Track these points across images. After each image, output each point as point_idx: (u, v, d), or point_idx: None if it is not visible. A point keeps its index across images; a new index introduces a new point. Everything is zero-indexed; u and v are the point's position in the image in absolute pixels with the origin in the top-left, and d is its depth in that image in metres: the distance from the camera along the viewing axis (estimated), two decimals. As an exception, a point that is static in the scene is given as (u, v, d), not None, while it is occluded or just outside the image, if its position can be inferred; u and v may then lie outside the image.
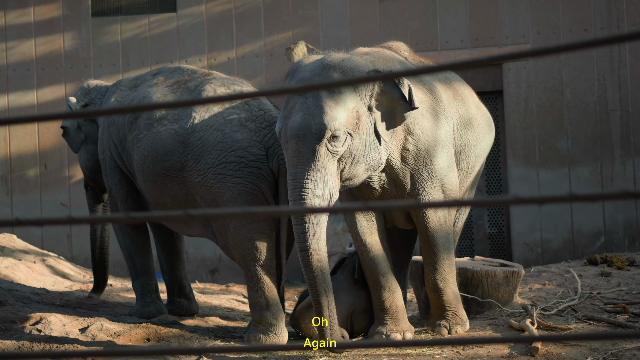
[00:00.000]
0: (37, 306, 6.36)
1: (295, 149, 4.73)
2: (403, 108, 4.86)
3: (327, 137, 4.66)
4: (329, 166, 4.72)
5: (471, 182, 5.88)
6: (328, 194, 4.73)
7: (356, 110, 4.77)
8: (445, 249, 5.35)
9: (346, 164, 4.80)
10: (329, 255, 9.93)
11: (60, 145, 10.43)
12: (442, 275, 5.36)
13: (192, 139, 5.55)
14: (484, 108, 5.97)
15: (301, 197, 4.68)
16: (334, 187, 4.76)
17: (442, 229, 5.31)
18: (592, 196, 1.69)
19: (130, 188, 6.24)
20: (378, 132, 4.87)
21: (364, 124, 4.80)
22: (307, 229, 4.73)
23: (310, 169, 4.69)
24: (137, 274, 6.49)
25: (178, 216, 1.78)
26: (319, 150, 4.68)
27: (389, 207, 1.85)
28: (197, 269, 10.31)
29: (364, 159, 4.84)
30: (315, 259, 4.76)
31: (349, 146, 4.74)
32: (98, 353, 2.09)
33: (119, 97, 6.28)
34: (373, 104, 4.86)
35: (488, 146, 5.95)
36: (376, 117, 4.88)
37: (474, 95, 5.91)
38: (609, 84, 10.12)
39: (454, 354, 4.89)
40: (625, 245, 9.97)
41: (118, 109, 1.96)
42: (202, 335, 5.69)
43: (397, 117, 4.90)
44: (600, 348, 4.84)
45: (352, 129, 4.73)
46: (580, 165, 10.11)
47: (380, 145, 4.91)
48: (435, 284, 5.37)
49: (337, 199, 4.91)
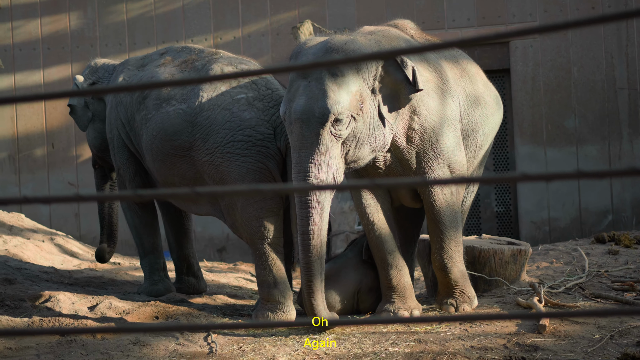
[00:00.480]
0: (46, 284, 6.39)
1: (299, 132, 4.74)
2: (407, 90, 4.85)
3: (330, 121, 4.66)
4: (333, 150, 4.73)
5: (479, 160, 5.86)
6: (332, 177, 4.73)
7: (359, 93, 4.75)
8: (452, 227, 5.33)
9: (350, 146, 4.79)
10: (336, 234, 9.98)
11: (67, 125, 10.44)
12: (449, 253, 5.34)
13: (200, 119, 5.56)
14: (491, 86, 5.94)
15: (305, 181, 4.70)
16: (338, 170, 4.77)
17: (449, 207, 5.28)
18: (599, 173, 1.69)
19: (138, 167, 6.26)
20: (382, 114, 4.86)
21: (367, 107, 4.79)
22: (311, 214, 4.75)
23: (314, 152, 4.70)
24: (145, 252, 6.51)
25: (185, 194, 1.78)
26: (323, 134, 4.69)
27: (396, 185, 1.85)
28: (205, 247, 10.33)
29: (368, 141, 4.84)
30: (316, 244, 4.77)
31: (352, 129, 4.74)
32: (107, 330, 2.11)
33: (126, 76, 6.28)
34: (377, 87, 4.84)
35: (496, 125, 5.93)
36: (380, 100, 4.87)
37: (482, 74, 5.89)
38: (616, 62, 10.08)
39: (461, 331, 4.90)
40: (633, 223, 9.96)
41: (125, 86, 1.96)
42: (210, 313, 5.72)
43: (402, 99, 4.89)
44: (608, 325, 4.85)
45: (355, 112, 4.72)
46: (588, 143, 10.08)
47: (385, 127, 4.89)
48: (442, 263, 5.36)
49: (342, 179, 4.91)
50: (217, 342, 4.88)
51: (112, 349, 4.68)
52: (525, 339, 4.65)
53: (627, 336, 4.67)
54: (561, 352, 4.40)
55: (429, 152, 5.14)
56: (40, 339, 4.81)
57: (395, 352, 4.52)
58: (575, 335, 4.69)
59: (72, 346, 4.71)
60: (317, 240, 4.77)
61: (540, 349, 4.45)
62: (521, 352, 4.41)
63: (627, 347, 4.49)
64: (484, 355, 4.37)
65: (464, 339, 4.71)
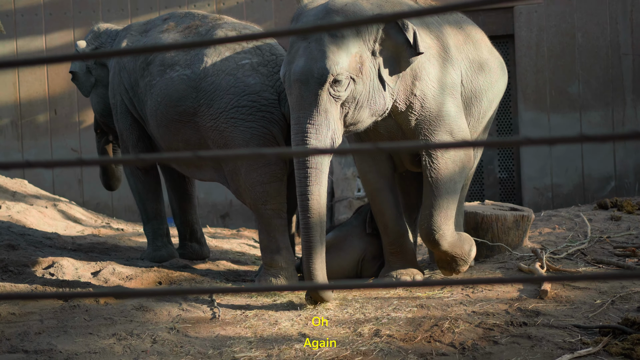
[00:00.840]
0: (49, 250, 6.41)
1: (298, 93, 4.71)
2: (408, 53, 4.80)
3: (329, 82, 4.63)
4: (332, 111, 4.70)
5: (484, 127, 5.84)
6: (330, 138, 4.70)
7: (359, 54, 4.72)
8: (447, 197, 5.17)
9: (350, 109, 4.76)
10: (339, 200, 9.99)
11: (70, 91, 10.41)
12: (437, 224, 5.14)
13: (205, 84, 5.55)
14: (496, 52, 5.90)
15: (303, 141, 4.67)
16: (337, 132, 4.74)
17: (448, 175, 5.16)
18: (602, 137, 1.69)
19: (141, 133, 6.25)
20: (382, 77, 4.82)
21: (367, 69, 4.75)
22: (309, 174, 4.72)
23: (312, 113, 4.67)
24: (149, 218, 6.53)
25: (187, 158, 1.78)
26: (322, 95, 4.66)
27: (398, 149, 1.84)
28: (208, 213, 10.35)
29: (368, 104, 4.80)
30: (315, 204, 4.73)
31: (352, 91, 4.71)
32: (110, 294, 2.11)
33: (129, 42, 6.26)
34: (377, 49, 4.80)
35: (501, 91, 5.89)
36: (380, 62, 4.82)
37: (486, 40, 5.85)
38: (621, 28, 10.02)
39: (463, 296, 4.92)
40: (635, 189, 9.96)
41: (127, 50, 1.95)
42: (213, 278, 5.74)
43: (402, 62, 4.84)
44: (609, 291, 4.87)
45: (355, 73, 4.69)
46: (592, 109, 10.05)
47: (385, 90, 4.85)
48: (428, 233, 5.17)
49: (340, 143, 4.87)
50: (220, 307, 4.90)
51: (115, 314, 4.71)
52: (526, 304, 4.66)
53: (628, 301, 4.68)
54: (562, 317, 4.41)
55: (430, 119, 5.08)
56: (44, 304, 4.84)
57: (398, 317, 4.54)
58: (576, 301, 4.71)
59: (75, 312, 4.73)
60: (316, 201, 4.74)
61: (541, 314, 4.47)
62: (523, 317, 4.43)
63: (628, 312, 4.50)
64: (485, 320, 4.39)
65: (466, 304, 4.73)
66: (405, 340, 4.16)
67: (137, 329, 4.45)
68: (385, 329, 4.33)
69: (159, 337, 4.32)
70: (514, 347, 4.03)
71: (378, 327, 4.36)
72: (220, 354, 4.09)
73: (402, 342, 4.13)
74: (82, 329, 4.44)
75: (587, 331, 4.22)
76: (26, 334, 4.33)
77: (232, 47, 5.65)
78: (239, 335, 4.38)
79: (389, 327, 4.35)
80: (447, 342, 4.11)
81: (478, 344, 4.07)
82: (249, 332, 4.42)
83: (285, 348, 4.13)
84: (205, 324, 4.61)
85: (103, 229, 8.33)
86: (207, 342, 4.28)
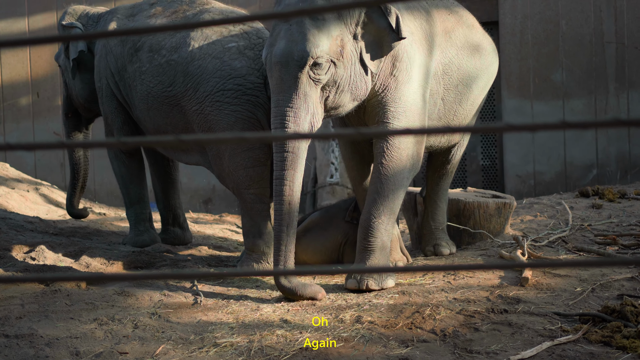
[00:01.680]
0: (31, 234, 6.39)
1: (278, 76, 4.68)
2: (390, 38, 4.77)
3: (309, 65, 4.60)
4: (311, 94, 4.66)
5: (476, 110, 5.82)
6: (309, 122, 4.66)
7: (340, 38, 4.68)
8: (394, 189, 4.96)
9: (330, 92, 4.73)
10: (322, 186, 9.99)
11: (52, 74, 10.35)
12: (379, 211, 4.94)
13: (192, 68, 5.54)
14: (488, 36, 5.88)
15: (282, 124, 4.63)
16: (316, 115, 4.70)
17: (398, 166, 4.96)
18: (583, 123, 1.69)
19: (126, 117, 6.23)
20: (364, 61, 4.78)
21: (348, 53, 4.72)
22: (285, 158, 4.67)
23: (291, 97, 4.64)
24: (131, 202, 6.51)
25: (169, 141, 1.77)
26: (301, 78, 4.62)
27: (381, 134, 1.84)
28: (191, 199, 10.33)
29: (349, 88, 4.76)
30: (287, 190, 4.68)
31: (332, 74, 4.67)
32: (92, 278, 2.11)
33: (116, 25, 6.22)
34: (359, 32, 4.75)
35: (493, 74, 5.86)
36: (362, 46, 4.78)
37: (478, 23, 5.82)
38: (605, 16, 10.04)
39: (445, 283, 4.94)
40: (617, 178, 10.01)
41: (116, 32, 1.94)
42: (195, 264, 5.73)
43: (384, 47, 4.80)
44: (590, 279, 4.89)
45: (335, 57, 4.65)
46: (575, 97, 10.08)
47: (367, 75, 4.82)
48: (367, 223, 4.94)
49: (320, 127, 4.83)
50: (202, 293, 4.90)
51: (96, 299, 4.69)
52: (507, 291, 4.68)
53: (608, 289, 4.71)
54: (543, 305, 4.43)
55: (394, 104, 4.95)
56: (25, 288, 4.82)
57: (379, 303, 4.55)
58: (557, 288, 4.73)
59: (56, 296, 4.72)
60: (289, 186, 4.68)
61: (522, 301, 4.49)
62: (503, 305, 4.45)
63: (608, 300, 4.53)
64: (466, 307, 4.40)
65: (447, 291, 4.75)
66: (386, 327, 4.17)
67: (118, 314, 4.44)
68: (367, 315, 4.34)
69: (141, 322, 4.32)
70: (494, 334, 4.05)
71: (360, 314, 4.37)
72: (202, 340, 4.09)
73: (384, 329, 4.14)
74: (64, 313, 4.42)
75: (567, 319, 4.24)
76: (7, 319, 4.32)
77: (219, 30, 5.64)
78: (221, 321, 4.38)
79: (370, 314, 4.36)
80: (428, 329, 4.13)
81: (459, 331, 4.08)
82: (230, 318, 4.42)
83: (267, 334, 4.13)
84: (187, 310, 4.60)
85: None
86: (189, 328, 4.28)
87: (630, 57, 10.02)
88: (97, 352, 3.92)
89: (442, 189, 5.95)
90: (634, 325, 4.05)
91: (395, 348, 3.90)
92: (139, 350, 3.97)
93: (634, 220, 6.71)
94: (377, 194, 4.94)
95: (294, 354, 3.85)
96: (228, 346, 3.98)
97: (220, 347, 3.98)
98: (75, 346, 3.99)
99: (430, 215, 5.92)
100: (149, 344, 4.05)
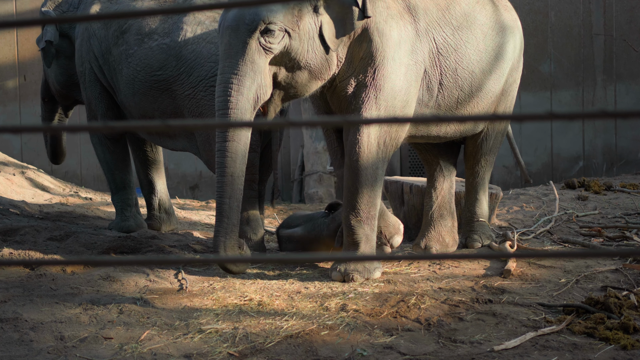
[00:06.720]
0: (17, 218, 6.36)
1: (227, 41, 4.47)
2: (353, 15, 4.51)
3: (259, 29, 4.38)
4: (259, 63, 4.42)
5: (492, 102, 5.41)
6: (255, 93, 4.44)
7: (298, 8, 4.44)
8: (369, 182, 4.76)
9: (284, 66, 4.50)
10: (309, 174, 9.98)
11: (40, 57, 10.25)
12: (355, 212, 4.80)
13: (185, 52, 5.51)
14: (507, 12, 5.51)
15: (225, 92, 4.42)
16: (264, 87, 4.46)
17: (371, 159, 4.73)
18: (570, 115, 1.70)
19: (110, 102, 6.19)
20: (324, 37, 4.50)
21: (305, 24, 4.47)
22: (227, 130, 4.42)
23: (237, 63, 4.42)
24: (117, 188, 6.48)
25: (155, 126, 1.77)
26: (250, 44, 4.40)
27: (367, 122, 1.84)
28: (178, 185, 10.32)
29: (306, 64, 4.51)
30: (229, 161, 4.49)
31: (286, 46, 4.43)
32: (77, 262, 2.10)
33: (100, 9, 6.15)
34: (320, 5, 4.50)
35: (511, 58, 5.45)
36: (323, 21, 4.51)
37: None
38: (594, 7, 10.06)
39: (430, 273, 4.95)
40: (603, 170, 10.05)
41: (105, 15, 1.93)
42: (181, 250, 5.73)
43: (347, 25, 4.54)
44: (574, 270, 4.92)
45: (290, 26, 4.41)
46: (562, 89, 10.11)
47: (328, 54, 4.55)
48: (346, 219, 4.83)
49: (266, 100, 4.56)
50: (188, 279, 4.90)
51: (82, 283, 4.69)
52: (492, 281, 4.70)
53: (592, 281, 4.74)
54: (527, 296, 4.46)
55: (369, 88, 4.68)
56: (9, 272, 4.81)
57: (365, 292, 4.56)
58: (541, 279, 4.75)
59: (41, 280, 4.71)
60: (231, 158, 4.48)
61: (506, 292, 4.51)
62: (488, 295, 4.47)
63: (592, 291, 4.55)
64: (451, 297, 4.42)
65: (432, 281, 4.76)
66: (371, 315, 4.17)
67: (103, 299, 4.44)
68: (352, 303, 4.35)
69: (126, 307, 4.31)
70: (478, 324, 4.06)
71: (345, 302, 4.38)
72: (187, 326, 4.09)
73: (369, 317, 4.15)
74: (48, 298, 4.41)
75: (551, 310, 4.26)
76: (-9, 302, 4.31)
77: (212, 15, 5.62)
78: (206, 307, 4.38)
79: (355, 302, 4.37)
80: (413, 318, 4.14)
81: (443, 320, 4.10)
82: (215, 304, 4.43)
83: (252, 321, 4.13)
84: (172, 295, 4.60)
85: (71, 198, 8.27)
86: (174, 314, 4.28)
87: (618, 50, 10.04)
88: (81, 337, 3.91)
89: (478, 178, 5.64)
90: (617, 317, 4.07)
91: (379, 336, 3.91)
92: (124, 336, 3.97)
93: (619, 212, 6.75)
94: (351, 190, 4.76)
95: (278, 342, 3.85)
96: (213, 332, 3.99)
97: (205, 334, 3.98)
98: (60, 330, 3.99)
99: (467, 205, 5.70)
100: (134, 329, 4.05)
